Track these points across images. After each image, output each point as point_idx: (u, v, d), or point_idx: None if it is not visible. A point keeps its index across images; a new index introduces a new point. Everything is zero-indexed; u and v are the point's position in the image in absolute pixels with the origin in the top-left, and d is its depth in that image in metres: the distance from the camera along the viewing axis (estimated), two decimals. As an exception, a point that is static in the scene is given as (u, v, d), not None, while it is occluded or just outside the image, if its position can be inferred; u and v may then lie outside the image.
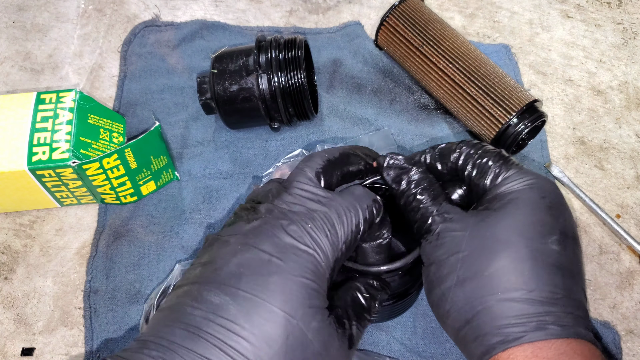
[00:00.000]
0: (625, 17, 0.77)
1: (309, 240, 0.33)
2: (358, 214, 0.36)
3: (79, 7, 0.76)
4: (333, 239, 0.34)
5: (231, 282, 0.32)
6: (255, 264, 0.32)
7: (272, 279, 0.32)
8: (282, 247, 0.33)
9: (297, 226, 0.34)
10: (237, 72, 0.58)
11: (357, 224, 0.35)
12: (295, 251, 0.33)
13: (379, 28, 0.67)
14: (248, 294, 0.31)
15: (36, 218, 0.60)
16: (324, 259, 0.34)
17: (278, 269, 0.32)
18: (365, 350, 0.52)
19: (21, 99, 0.56)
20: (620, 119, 0.68)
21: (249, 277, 0.32)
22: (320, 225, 0.34)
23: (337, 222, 0.35)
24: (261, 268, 0.32)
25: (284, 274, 0.32)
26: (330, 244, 0.34)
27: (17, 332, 0.54)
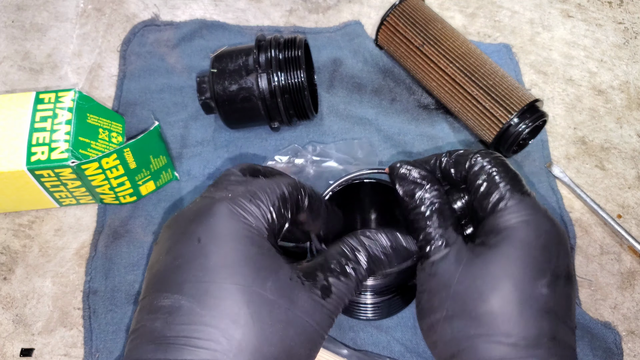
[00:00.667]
0: (626, 16, 0.77)
1: (234, 210, 0.34)
2: (280, 185, 0.36)
3: (78, 7, 0.75)
4: (258, 203, 0.35)
5: (172, 278, 0.32)
6: (187, 251, 0.32)
7: (209, 259, 0.32)
8: (208, 226, 0.33)
9: (220, 204, 0.34)
10: (237, 72, 0.58)
11: (282, 192, 0.36)
12: (222, 224, 0.33)
13: (379, 27, 0.66)
14: (192, 283, 0.31)
15: (35, 218, 0.60)
16: (254, 221, 0.34)
17: (210, 248, 0.32)
18: (366, 350, 0.52)
19: (20, 99, 0.56)
20: (621, 119, 0.68)
21: (185, 267, 0.32)
22: (242, 195, 0.35)
23: (259, 191, 0.35)
24: (193, 252, 0.32)
25: (217, 249, 0.32)
26: (256, 207, 0.34)
27: (16, 332, 0.53)
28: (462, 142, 0.65)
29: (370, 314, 0.51)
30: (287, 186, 0.37)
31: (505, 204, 0.37)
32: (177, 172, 0.62)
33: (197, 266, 0.32)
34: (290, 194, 0.37)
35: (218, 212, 0.34)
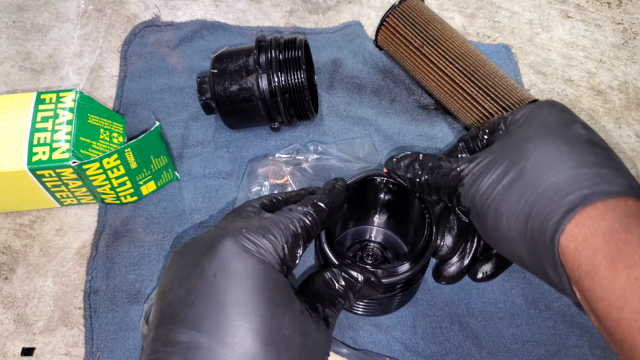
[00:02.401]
0: (625, 17, 0.77)
1: (248, 245, 0.34)
2: (294, 222, 0.37)
3: (79, 7, 0.76)
4: (272, 239, 0.35)
5: (188, 313, 0.32)
6: (201, 286, 0.32)
7: (226, 296, 0.32)
8: (222, 260, 0.33)
9: (234, 237, 0.34)
10: (237, 72, 0.58)
11: (294, 230, 0.37)
12: (235, 259, 0.33)
13: (379, 28, 0.67)
14: (210, 319, 0.31)
15: (36, 218, 0.60)
16: (267, 256, 0.34)
17: (225, 284, 0.32)
18: (365, 350, 0.52)
19: (21, 99, 0.56)
20: (620, 119, 0.68)
21: (201, 303, 0.32)
22: (256, 230, 0.35)
23: (272, 227, 0.36)
24: (209, 288, 0.32)
25: (234, 286, 0.32)
26: (270, 243, 0.35)
27: (17, 332, 0.54)
28: (461, 142, 0.65)
29: (364, 310, 0.51)
30: (300, 221, 0.38)
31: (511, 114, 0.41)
32: (177, 172, 0.62)
33: (213, 303, 0.32)
34: (304, 230, 0.38)
35: (231, 246, 0.34)
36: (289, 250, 0.36)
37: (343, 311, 0.53)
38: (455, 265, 0.45)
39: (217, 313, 0.31)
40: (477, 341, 0.52)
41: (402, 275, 0.44)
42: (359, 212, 0.55)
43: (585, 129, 0.37)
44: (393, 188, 0.49)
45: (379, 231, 0.56)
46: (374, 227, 0.56)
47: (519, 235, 0.36)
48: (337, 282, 0.38)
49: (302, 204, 0.39)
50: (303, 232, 0.37)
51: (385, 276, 0.44)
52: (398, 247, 0.55)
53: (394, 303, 0.51)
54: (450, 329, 0.53)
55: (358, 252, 0.55)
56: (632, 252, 0.30)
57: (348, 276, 0.39)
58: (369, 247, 0.55)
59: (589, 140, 0.36)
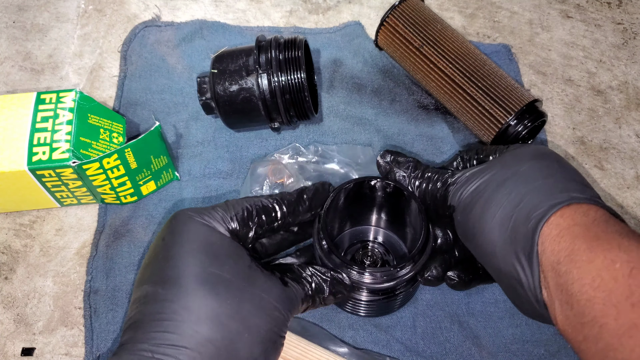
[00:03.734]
0: (625, 17, 0.77)
1: (196, 215, 0.40)
2: (249, 199, 0.43)
3: (79, 7, 0.76)
4: (219, 211, 0.41)
5: (143, 274, 0.38)
6: (155, 251, 0.39)
7: (169, 251, 0.38)
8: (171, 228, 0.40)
9: (183, 212, 0.41)
10: (237, 72, 0.58)
11: (245, 207, 0.42)
12: (182, 224, 0.39)
13: (379, 28, 0.67)
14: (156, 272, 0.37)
15: (36, 218, 0.60)
16: (215, 223, 0.40)
17: (170, 243, 0.38)
18: (365, 349, 0.52)
19: (21, 99, 0.56)
20: (620, 119, 0.68)
21: (152, 262, 0.38)
22: (210, 207, 0.42)
23: (223, 205, 0.42)
24: (159, 249, 0.39)
25: (177, 242, 0.38)
26: (217, 213, 0.41)
27: (17, 332, 0.54)
28: (461, 142, 0.65)
29: (365, 311, 0.51)
30: (258, 202, 0.43)
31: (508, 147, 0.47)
32: (177, 172, 0.62)
33: (160, 259, 0.38)
34: (259, 208, 0.43)
35: (179, 216, 0.40)
36: (239, 222, 0.41)
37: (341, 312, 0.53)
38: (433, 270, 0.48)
39: (161, 265, 0.37)
40: (477, 341, 0.52)
41: (400, 278, 0.45)
42: (358, 214, 0.55)
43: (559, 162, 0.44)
44: (389, 189, 0.50)
45: (378, 231, 0.56)
46: (373, 227, 0.56)
47: (501, 222, 0.40)
48: (303, 270, 0.43)
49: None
50: (258, 209, 0.43)
51: (385, 280, 0.44)
52: (398, 247, 0.55)
53: (394, 305, 0.51)
54: (450, 329, 0.53)
55: (359, 252, 0.55)
56: (610, 239, 0.34)
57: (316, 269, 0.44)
58: (369, 247, 0.55)
59: (576, 171, 0.42)
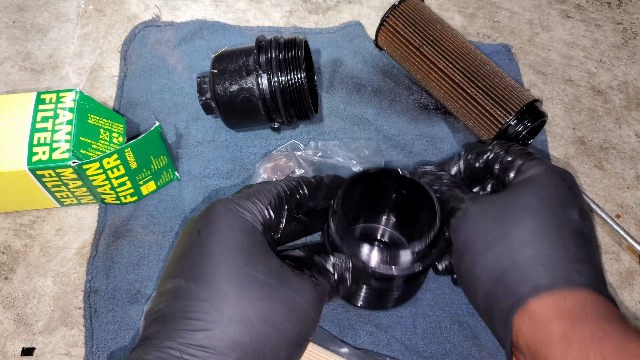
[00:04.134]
0: (625, 17, 0.77)
1: (232, 207, 0.38)
2: (277, 186, 0.42)
3: (79, 7, 0.76)
4: (255, 201, 0.39)
5: (175, 267, 0.37)
6: (188, 243, 0.37)
7: (205, 247, 0.36)
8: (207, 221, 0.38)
9: (219, 203, 0.39)
10: (237, 72, 0.58)
11: (278, 192, 0.41)
12: (219, 218, 0.38)
13: (379, 28, 0.67)
14: (190, 267, 0.35)
15: (36, 218, 0.60)
16: (250, 216, 0.38)
17: (207, 238, 0.37)
18: (365, 349, 0.52)
19: (21, 99, 0.56)
20: (620, 119, 0.68)
21: (186, 256, 0.37)
22: (242, 196, 0.40)
23: (257, 192, 0.40)
24: (193, 243, 0.37)
25: (213, 238, 0.36)
26: (252, 204, 0.39)
27: (17, 332, 0.54)
28: (461, 142, 0.65)
29: (363, 301, 0.50)
30: (284, 186, 0.42)
31: (528, 165, 0.43)
32: (177, 172, 0.62)
33: (195, 254, 0.36)
34: (288, 193, 0.42)
35: (217, 209, 0.38)
36: (273, 210, 0.40)
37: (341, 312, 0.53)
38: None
39: (196, 261, 0.36)
40: (477, 341, 0.52)
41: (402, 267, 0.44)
42: (369, 210, 0.54)
43: (581, 215, 0.39)
44: (406, 183, 0.49)
45: (386, 231, 0.56)
46: (382, 226, 0.56)
47: (484, 288, 0.39)
48: (326, 261, 0.42)
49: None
50: (286, 196, 0.41)
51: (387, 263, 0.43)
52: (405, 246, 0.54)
53: (392, 296, 0.49)
54: (450, 329, 0.53)
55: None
56: (586, 330, 0.33)
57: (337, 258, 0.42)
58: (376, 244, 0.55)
59: (577, 230, 0.38)
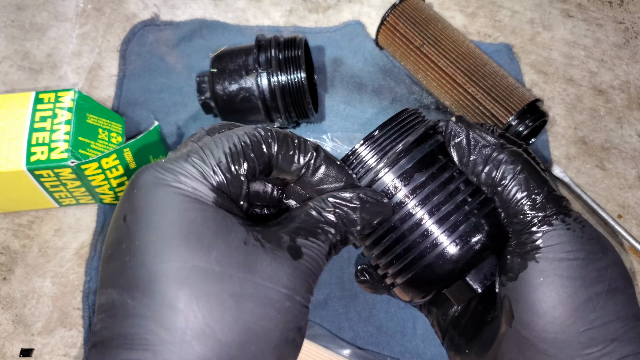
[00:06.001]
0: (626, 16, 0.77)
1: (162, 175, 0.28)
2: (230, 136, 0.30)
3: (78, 7, 0.75)
4: (195, 162, 0.28)
5: (105, 270, 0.27)
6: (114, 236, 0.27)
7: (134, 239, 0.27)
8: (131, 200, 0.28)
9: (147, 171, 0.28)
10: (237, 72, 0.58)
11: (230, 146, 0.29)
12: (146, 195, 0.27)
13: (380, 27, 0.66)
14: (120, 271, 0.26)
15: (35, 218, 0.60)
16: (192, 183, 0.28)
17: (134, 227, 0.27)
18: (367, 349, 0.52)
19: (20, 99, 0.55)
20: (621, 119, 0.68)
21: (114, 254, 0.27)
22: (179, 157, 0.29)
23: (201, 148, 0.29)
24: (120, 235, 0.27)
25: (143, 226, 0.27)
26: (194, 166, 0.28)
27: (16, 332, 0.53)
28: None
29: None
30: (243, 136, 0.29)
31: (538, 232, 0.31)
32: (177, 172, 0.62)
33: (123, 251, 0.26)
34: (247, 145, 0.29)
35: (141, 181, 0.28)
36: (225, 170, 0.28)
37: (342, 313, 0.53)
38: None
39: (126, 261, 0.26)
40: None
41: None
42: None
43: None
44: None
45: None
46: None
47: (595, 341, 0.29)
48: (323, 209, 0.30)
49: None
50: (246, 148, 0.29)
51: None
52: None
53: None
54: (451, 330, 0.53)
55: None
56: None
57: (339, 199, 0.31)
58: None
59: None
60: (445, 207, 0.32)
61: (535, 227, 0.30)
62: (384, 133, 0.34)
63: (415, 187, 0.32)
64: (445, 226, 0.31)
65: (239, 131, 0.30)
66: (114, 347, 0.25)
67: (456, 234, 0.31)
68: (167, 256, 0.26)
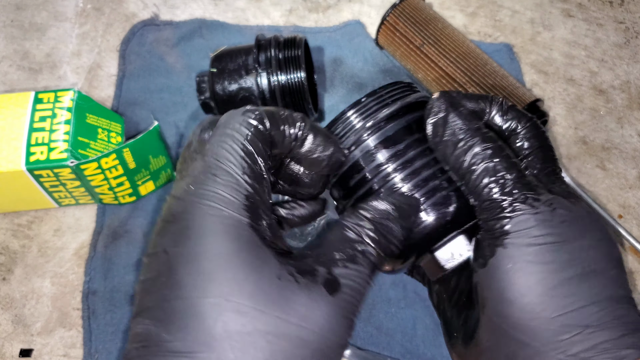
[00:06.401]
0: (627, 16, 0.77)
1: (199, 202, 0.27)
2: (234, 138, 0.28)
3: (78, 6, 0.75)
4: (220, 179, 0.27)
5: (144, 299, 0.27)
6: (154, 267, 0.27)
7: (175, 273, 0.26)
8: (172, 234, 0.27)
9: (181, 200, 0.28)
10: (237, 72, 0.58)
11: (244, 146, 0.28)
12: (187, 225, 0.27)
13: (380, 27, 0.66)
14: (160, 303, 0.26)
15: (34, 218, 0.60)
16: (225, 205, 0.27)
17: (175, 260, 0.26)
18: (367, 350, 0.52)
19: (19, 99, 0.55)
20: (622, 119, 0.68)
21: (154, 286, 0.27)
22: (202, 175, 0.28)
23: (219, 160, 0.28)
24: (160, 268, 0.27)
25: (183, 259, 0.26)
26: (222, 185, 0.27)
27: (15, 333, 0.53)
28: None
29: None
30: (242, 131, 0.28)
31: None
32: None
33: (162, 284, 0.26)
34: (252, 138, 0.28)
35: (182, 211, 0.27)
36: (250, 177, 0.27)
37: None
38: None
39: (166, 294, 0.26)
40: (478, 343, 0.52)
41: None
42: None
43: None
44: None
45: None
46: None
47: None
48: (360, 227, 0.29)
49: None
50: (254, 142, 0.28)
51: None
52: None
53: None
54: (451, 330, 0.53)
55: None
56: None
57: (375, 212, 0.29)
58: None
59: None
60: (423, 173, 0.31)
61: (504, 213, 0.29)
62: (372, 100, 0.34)
63: (397, 152, 0.32)
64: (422, 191, 0.31)
65: (236, 125, 0.28)
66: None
67: (430, 202, 0.31)
68: (204, 292, 0.25)
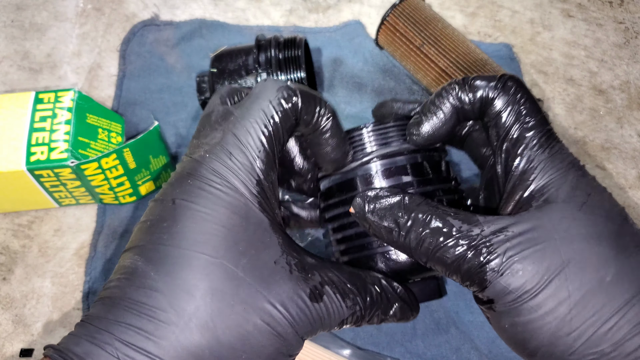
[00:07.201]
0: (626, 16, 0.77)
1: (214, 172, 0.29)
2: (262, 117, 0.29)
3: (78, 6, 0.75)
4: (238, 158, 0.29)
5: (138, 238, 0.28)
6: (158, 212, 0.29)
7: (177, 223, 0.28)
8: (184, 189, 0.29)
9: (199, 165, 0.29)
10: (237, 72, 0.58)
11: (265, 126, 0.29)
12: (200, 188, 0.28)
13: (380, 27, 0.66)
14: (154, 244, 0.27)
15: (34, 218, 0.60)
16: (239, 185, 0.28)
17: (181, 212, 0.28)
18: (367, 349, 0.52)
19: (19, 99, 0.55)
20: (622, 119, 0.68)
21: (152, 228, 0.28)
22: (221, 149, 0.29)
23: (240, 136, 0.29)
24: (164, 214, 0.28)
25: (190, 214, 0.28)
26: (240, 162, 0.29)
27: (16, 333, 0.53)
28: (462, 142, 0.65)
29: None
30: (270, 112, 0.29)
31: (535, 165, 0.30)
32: (176, 172, 0.62)
33: (162, 228, 0.28)
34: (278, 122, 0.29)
35: (196, 174, 0.29)
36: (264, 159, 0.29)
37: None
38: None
39: (163, 239, 0.28)
40: (476, 344, 0.52)
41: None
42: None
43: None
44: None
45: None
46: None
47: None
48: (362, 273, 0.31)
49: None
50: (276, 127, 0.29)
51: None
52: None
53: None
54: (450, 331, 0.53)
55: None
56: None
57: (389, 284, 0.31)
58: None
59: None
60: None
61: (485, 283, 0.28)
62: (395, 126, 0.34)
63: (398, 185, 0.32)
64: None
65: (266, 102, 0.29)
66: (121, 308, 0.26)
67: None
68: (202, 248, 0.27)
